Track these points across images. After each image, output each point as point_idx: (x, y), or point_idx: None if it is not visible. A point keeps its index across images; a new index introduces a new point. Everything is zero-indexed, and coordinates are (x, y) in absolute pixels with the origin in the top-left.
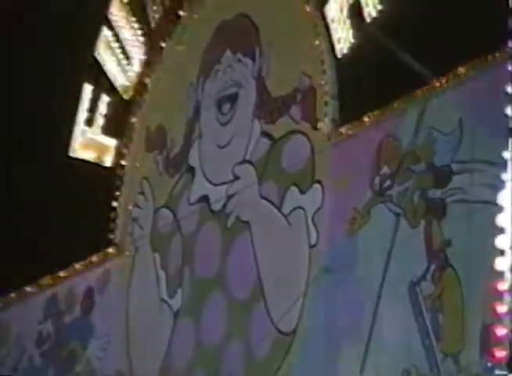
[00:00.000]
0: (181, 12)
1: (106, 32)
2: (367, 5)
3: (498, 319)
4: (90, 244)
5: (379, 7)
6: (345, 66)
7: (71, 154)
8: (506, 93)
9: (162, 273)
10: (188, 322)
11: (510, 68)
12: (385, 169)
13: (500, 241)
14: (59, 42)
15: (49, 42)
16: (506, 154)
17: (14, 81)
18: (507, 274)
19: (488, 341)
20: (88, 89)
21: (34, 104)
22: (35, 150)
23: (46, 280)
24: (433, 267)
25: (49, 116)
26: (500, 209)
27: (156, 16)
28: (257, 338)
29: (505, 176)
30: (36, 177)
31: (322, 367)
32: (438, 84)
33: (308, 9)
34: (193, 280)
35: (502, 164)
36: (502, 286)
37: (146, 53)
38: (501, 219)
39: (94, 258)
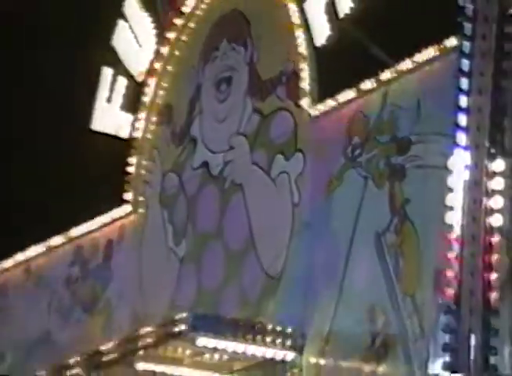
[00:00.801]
0: (185, 9)
1: (122, 24)
2: (340, 2)
3: (448, 264)
4: (110, 203)
5: (350, 4)
6: (323, 54)
7: (93, 128)
8: (460, 72)
9: (169, 227)
10: (191, 268)
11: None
12: (355, 140)
13: (450, 199)
14: (82, 33)
15: (73, 33)
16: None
17: (44, 65)
18: (456, 227)
19: (439, 282)
20: (107, 72)
21: (61, 84)
22: (61, 124)
23: (73, 232)
24: (395, 221)
25: (74, 94)
26: (450, 173)
27: (164, 11)
28: (249, 282)
29: (453, 147)
30: (63, 148)
31: (302, 309)
32: (399, 68)
33: (290, 5)
34: (195, 233)
35: (452, 136)
36: (452, 236)
37: (156, 43)
38: (450, 181)
39: (113, 215)
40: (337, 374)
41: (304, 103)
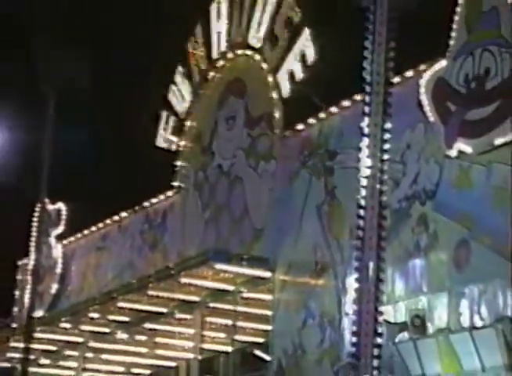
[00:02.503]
0: (209, 77)
1: (173, 87)
2: (296, 72)
3: (357, 222)
4: (166, 187)
5: (301, 74)
6: (287, 102)
7: (157, 144)
8: (363, 114)
9: (199, 201)
10: (211, 226)
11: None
12: (305, 152)
13: (359, 185)
14: (153, 91)
15: (146, 91)
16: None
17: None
18: (362, 200)
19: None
20: (163, 114)
21: (138, 120)
22: (141, 142)
23: (145, 204)
24: (328, 198)
25: (147, 127)
26: (359, 171)
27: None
28: (245, 233)
29: (360, 155)
30: (141, 156)
31: (275, 247)
32: (329, 111)
33: (269, 77)
34: (214, 205)
35: (359, 149)
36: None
37: (192, 96)
38: (359, 176)
39: (167, 194)
40: (295, 285)
41: (277, 130)
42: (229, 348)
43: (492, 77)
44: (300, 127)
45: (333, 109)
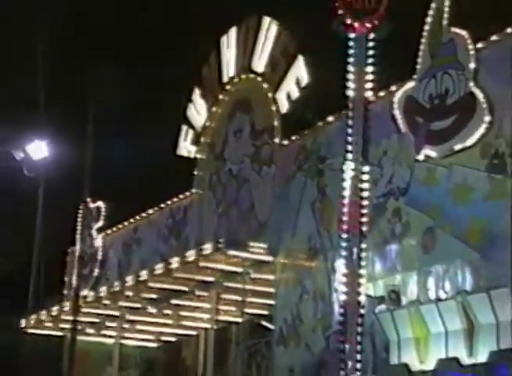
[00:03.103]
0: (221, 94)
1: (190, 105)
2: (293, 93)
3: (343, 213)
4: (186, 188)
5: (297, 94)
6: (286, 117)
7: (178, 153)
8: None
9: (213, 200)
10: (223, 220)
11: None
12: (301, 157)
13: (346, 182)
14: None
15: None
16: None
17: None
18: (346, 198)
19: (340, 222)
20: (184, 127)
21: (161, 134)
22: (163, 151)
23: (169, 202)
24: (320, 196)
25: (168, 138)
26: (343, 172)
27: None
28: (252, 226)
29: (345, 160)
30: (163, 163)
31: (276, 237)
32: (318, 126)
33: (269, 94)
34: (225, 203)
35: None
36: (344, 202)
37: (207, 113)
38: (346, 177)
39: (187, 194)
40: (292, 267)
41: (276, 140)
42: (240, 320)
43: (451, 95)
44: (295, 137)
45: (323, 122)
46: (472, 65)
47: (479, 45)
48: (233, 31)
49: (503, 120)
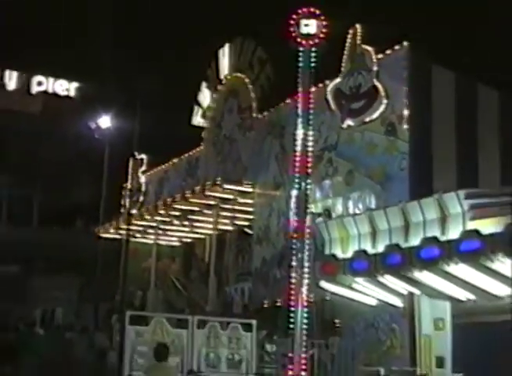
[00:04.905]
0: (219, 86)
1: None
2: (270, 74)
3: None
4: (196, 145)
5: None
6: (261, 97)
7: (192, 123)
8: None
9: (215, 153)
10: (222, 166)
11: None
12: (270, 126)
13: (298, 140)
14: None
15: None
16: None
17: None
18: None
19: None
20: (195, 107)
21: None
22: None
23: (184, 156)
24: (281, 150)
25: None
26: (297, 135)
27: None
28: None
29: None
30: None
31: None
32: (282, 104)
33: (250, 87)
34: (223, 155)
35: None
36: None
37: (210, 97)
38: (297, 137)
39: (197, 149)
40: (265, 195)
41: (254, 115)
42: (231, 228)
43: (363, 87)
44: (266, 113)
45: (283, 103)
46: (375, 68)
47: (379, 56)
48: (227, 46)
49: (395, 102)
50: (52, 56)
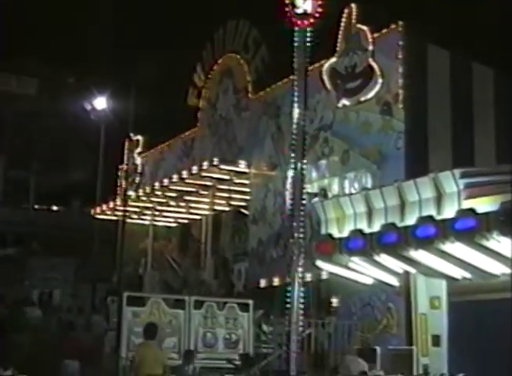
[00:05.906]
0: (214, 66)
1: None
2: (265, 56)
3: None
4: (191, 126)
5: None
6: (257, 78)
7: (188, 103)
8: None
9: (210, 134)
10: (217, 147)
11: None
12: (265, 106)
13: (294, 120)
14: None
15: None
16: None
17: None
18: None
19: None
20: (191, 87)
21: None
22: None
23: (180, 137)
24: (277, 131)
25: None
26: (292, 115)
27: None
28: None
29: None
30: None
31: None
32: (278, 84)
33: (246, 68)
34: (218, 135)
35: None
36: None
37: (205, 77)
38: (293, 118)
39: (193, 130)
40: (260, 175)
41: (250, 95)
42: (227, 209)
43: (358, 66)
44: (262, 93)
45: (279, 83)
46: (371, 47)
47: (375, 36)
48: (221, 30)
49: (390, 82)
50: (50, 40)
